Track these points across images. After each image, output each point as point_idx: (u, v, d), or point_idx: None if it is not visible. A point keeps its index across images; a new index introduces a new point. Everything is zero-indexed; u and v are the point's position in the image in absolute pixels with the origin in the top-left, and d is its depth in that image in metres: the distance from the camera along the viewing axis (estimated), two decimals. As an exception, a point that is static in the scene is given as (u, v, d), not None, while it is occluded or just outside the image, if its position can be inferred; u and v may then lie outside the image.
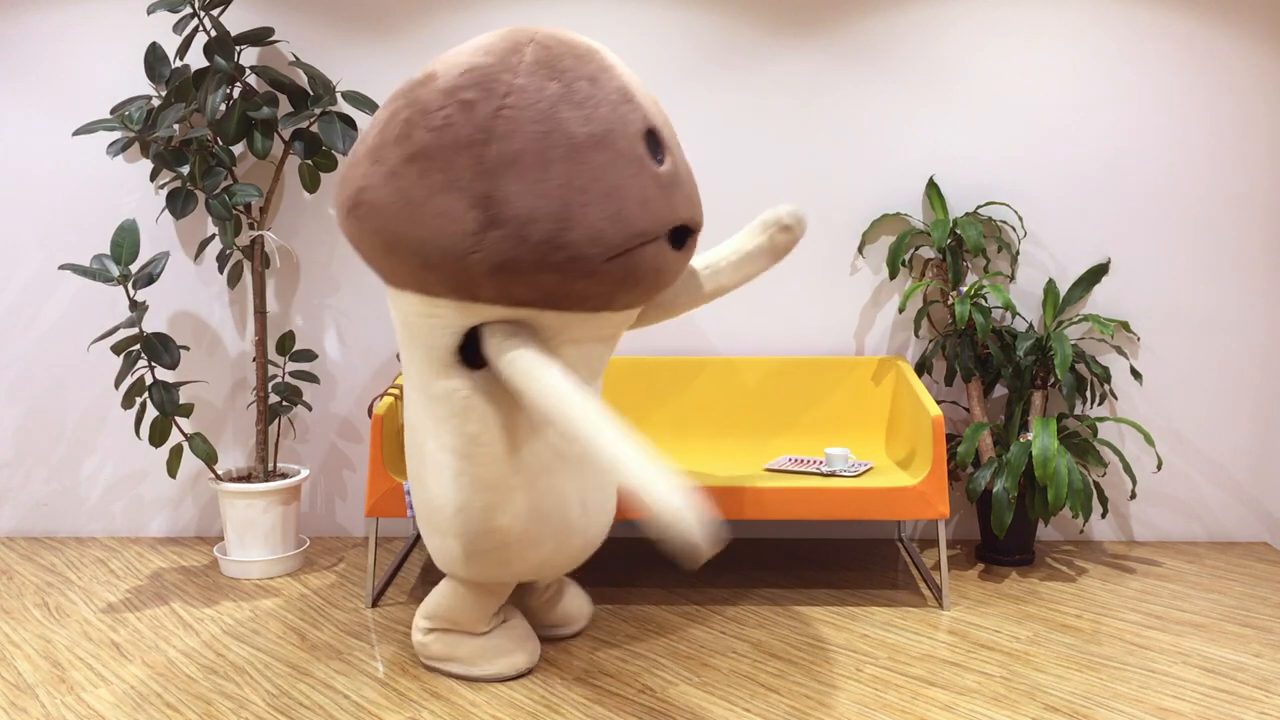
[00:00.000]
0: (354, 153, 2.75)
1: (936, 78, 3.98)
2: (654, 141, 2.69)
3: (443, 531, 2.84)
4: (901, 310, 4.02)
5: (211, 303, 4.11)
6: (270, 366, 4.02)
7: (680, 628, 3.27)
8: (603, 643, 3.17)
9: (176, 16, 3.99)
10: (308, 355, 3.90)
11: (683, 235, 2.78)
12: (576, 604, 3.23)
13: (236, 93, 3.83)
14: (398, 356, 3.93)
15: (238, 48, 3.79)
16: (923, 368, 3.98)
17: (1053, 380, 3.92)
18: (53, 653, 3.12)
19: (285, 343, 3.89)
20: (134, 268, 3.93)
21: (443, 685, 2.90)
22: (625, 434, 2.41)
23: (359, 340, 4.12)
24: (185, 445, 4.01)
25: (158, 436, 3.68)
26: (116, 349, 3.60)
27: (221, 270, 3.87)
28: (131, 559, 3.94)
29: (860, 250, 4.04)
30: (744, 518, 3.34)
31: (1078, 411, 4.00)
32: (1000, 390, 4.08)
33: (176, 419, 3.96)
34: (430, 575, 3.74)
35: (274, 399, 3.99)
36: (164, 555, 3.98)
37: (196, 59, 3.96)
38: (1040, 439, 3.54)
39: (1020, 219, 3.94)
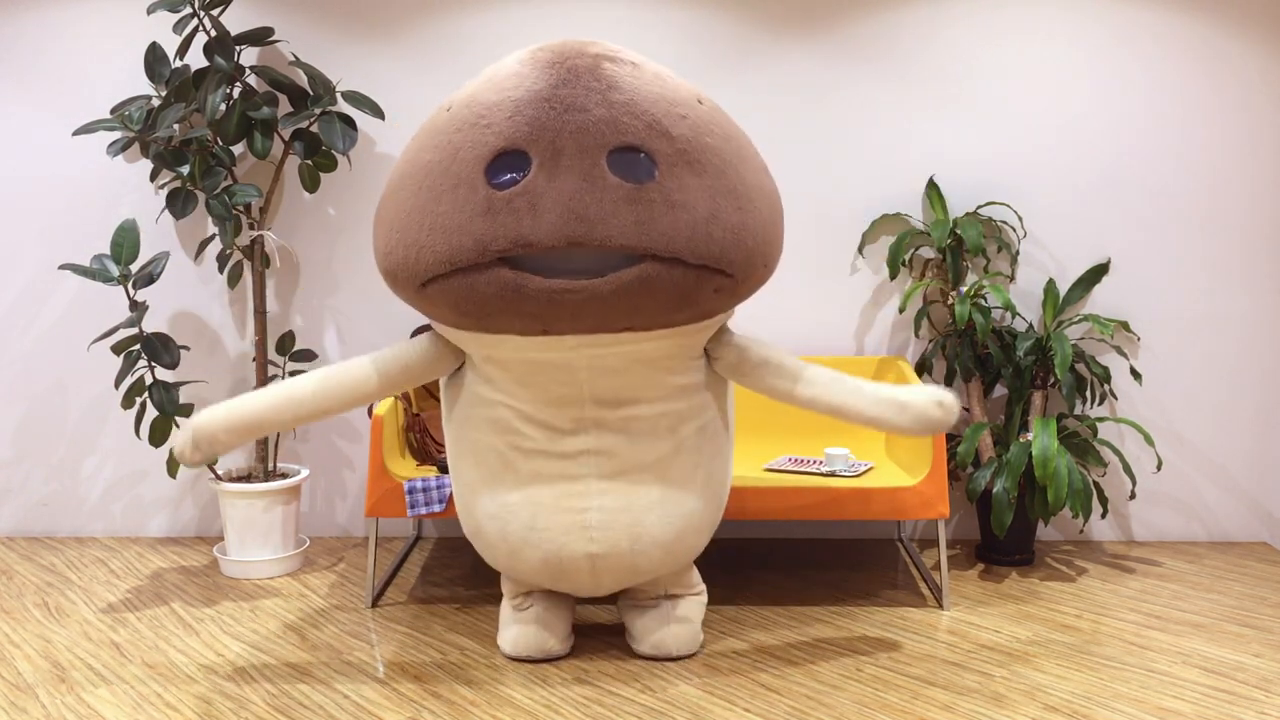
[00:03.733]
0: None
1: (936, 78, 3.98)
2: (511, 159, 2.57)
3: None
4: (901, 310, 4.02)
5: (211, 303, 4.11)
6: (270, 366, 4.02)
7: (680, 628, 3.27)
8: (603, 642, 3.17)
9: (176, 16, 3.99)
10: (308, 355, 3.90)
11: (531, 260, 2.59)
12: (644, 625, 3.08)
13: (236, 93, 3.83)
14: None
15: (238, 48, 3.79)
16: (923, 368, 3.98)
17: (1053, 380, 3.92)
18: (53, 653, 3.12)
19: (285, 343, 3.89)
20: (134, 268, 3.93)
21: (443, 685, 2.90)
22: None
23: (359, 340, 4.12)
24: (185, 445, 4.01)
25: (158, 436, 3.68)
26: (116, 349, 3.60)
27: (221, 270, 3.87)
28: (131, 559, 3.94)
29: (860, 250, 4.04)
30: (744, 518, 3.34)
31: (1078, 411, 4.00)
32: (1000, 390, 4.08)
33: (176, 419, 3.96)
34: (429, 576, 3.75)
35: (274, 399, 3.98)
36: (164, 555, 3.98)
37: (196, 59, 3.96)
38: (1040, 439, 3.54)
39: (1020, 219, 3.94)
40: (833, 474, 3.47)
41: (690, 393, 2.87)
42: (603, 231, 2.53)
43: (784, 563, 3.86)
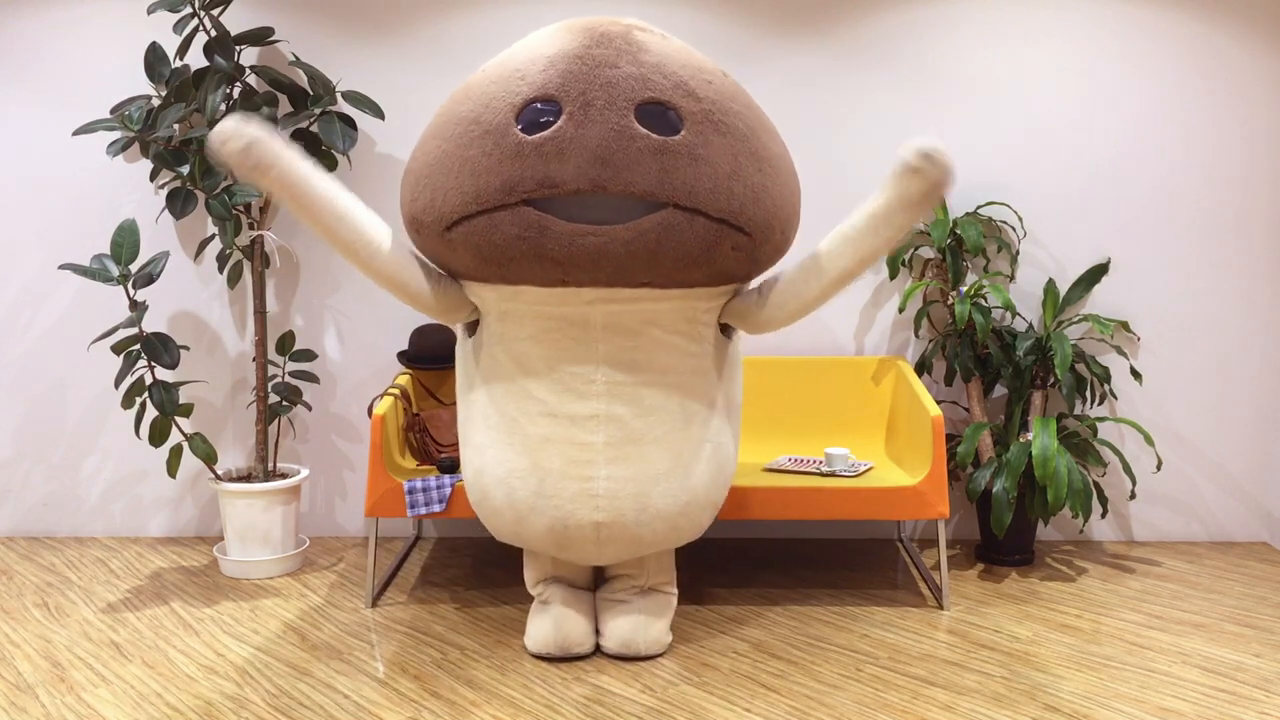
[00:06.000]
0: None
1: (936, 78, 3.98)
2: (542, 108, 2.65)
3: None
4: (901, 310, 4.02)
5: (211, 303, 4.11)
6: (270, 366, 4.02)
7: (680, 628, 3.27)
8: (603, 643, 3.17)
9: (176, 16, 3.99)
10: (308, 355, 3.90)
11: (556, 200, 2.64)
12: (628, 629, 3.06)
13: (236, 93, 3.83)
14: (398, 356, 3.93)
15: (238, 48, 3.79)
16: (923, 368, 3.98)
17: (1053, 380, 3.92)
18: (53, 653, 3.12)
19: (285, 343, 3.89)
20: (134, 268, 3.93)
21: (443, 685, 2.90)
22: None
23: (359, 340, 4.12)
24: (185, 445, 4.01)
25: (158, 436, 3.68)
26: (116, 349, 3.60)
27: (221, 270, 3.88)
28: (131, 559, 3.94)
29: (860, 250, 4.04)
30: (744, 518, 3.34)
31: (1077, 411, 4.00)
32: (1000, 390, 4.08)
33: (176, 419, 3.96)
34: (429, 576, 3.75)
35: (274, 399, 3.99)
36: (164, 555, 3.98)
37: (196, 59, 3.96)
38: (1040, 439, 3.54)
39: (1020, 219, 3.94)
40: (833, 474, 3.47)
41: (702, 368, 2.92)
42: (627, 178, 2.61)
43: (784, 563, 3.86)
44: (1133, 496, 3.83)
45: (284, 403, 3.87)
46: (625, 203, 2.65)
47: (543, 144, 2.62)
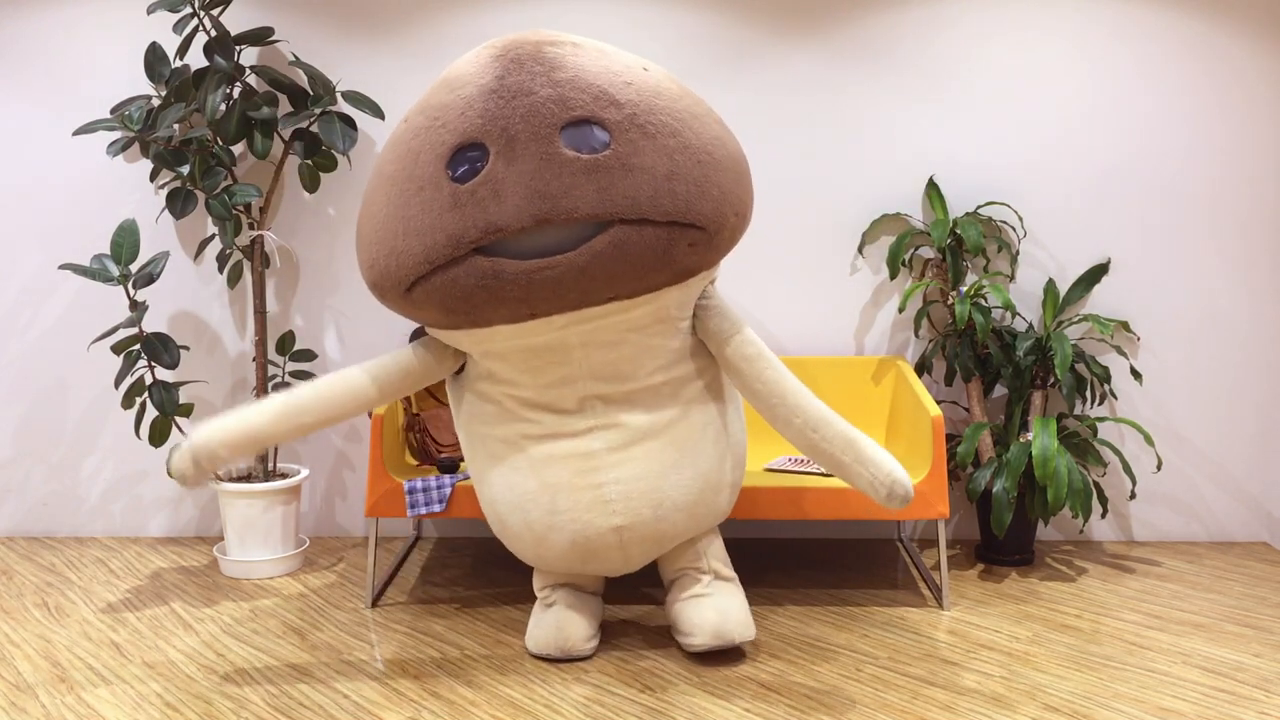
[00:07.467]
0: None
1: (936, 78, 3.98)
2: (469, 153, 2.65)
3: None
4: (901, 310, 4.02)
5: (211, 303, 4.11)
6: (270, 366, 4.02)
7: (680, 628, 3.27)
8: (603, 642, 3.17)
9: (176, 16, 3.99)
10: (308, 355, 3.90)
11: (506, 244, 2.64)
12: (716, 619, 3.01)
13: (236, 93, 3.83)
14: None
15: (238, 48, 3.79)
16: (923, 368, 3.98)
17: (1053, 380, 3.92)
18: (53, 653, 3.12)
19: (285, 343, 3.89)
20: (134, 268, 3.93)
21: (443, 685, 2.90)
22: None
23: (359, 340, 4.12)
24: (185, 445, 4.01)
25: (158, 436, 3.68)
26: (116, 349, 3.60)
27: (221, 270, 3.88)
28: (131, 559, 3.94)
29: (860, 250, 4.04)
30: (744, 518, 3.34)
31: (1078, 411, 4.00)
32: (1000, 390, 4.08)
33: (176, 419, 3.97)
34: (429, 575, 3.75)
35: (274, 399, 3.99)
36: (164, 555, 3.98)
37: (196, 59, 3.96)
38: (1040, 439, 3.54)
39: (1020, 219, 3.94)
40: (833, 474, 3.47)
41: (687, 356, 2.91)
42: (567, 204, 2.59)
43: (784, 563, 3.86)
44: (1133, 496, 3.83)
45: (284, 403, 3.87)
46: (572, 228, 2.63)
47: (477, 189, 2.61)
